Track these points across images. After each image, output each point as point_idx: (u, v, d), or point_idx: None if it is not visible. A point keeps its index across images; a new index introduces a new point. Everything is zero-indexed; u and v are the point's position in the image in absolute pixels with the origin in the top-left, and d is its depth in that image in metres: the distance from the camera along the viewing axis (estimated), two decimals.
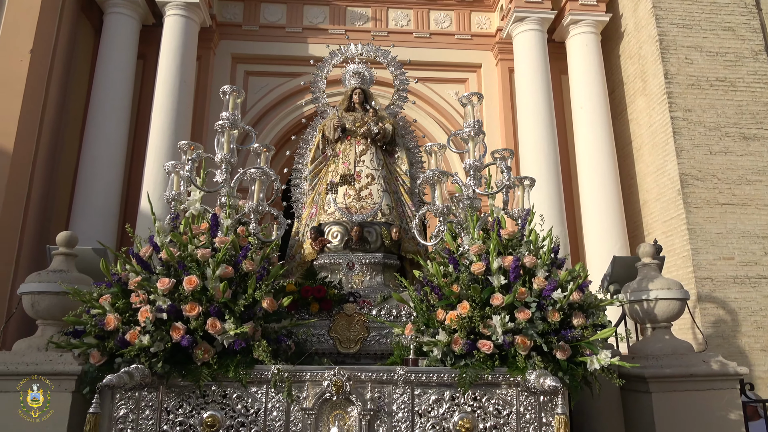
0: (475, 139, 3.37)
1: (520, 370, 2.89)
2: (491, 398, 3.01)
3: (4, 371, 3.28)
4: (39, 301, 3.43)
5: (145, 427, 2.93)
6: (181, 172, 3.52)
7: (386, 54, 4.80)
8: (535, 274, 3.05)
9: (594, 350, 2.87)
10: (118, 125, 8.87)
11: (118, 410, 2.93)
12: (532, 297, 2.97)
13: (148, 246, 3.18)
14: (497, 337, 2.90)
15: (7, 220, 7.30)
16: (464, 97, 3.51)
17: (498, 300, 2.93)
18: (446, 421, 3.00)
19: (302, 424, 2.98)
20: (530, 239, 3.18)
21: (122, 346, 2.83)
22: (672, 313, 4.13)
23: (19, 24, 7.88)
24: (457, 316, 2.95)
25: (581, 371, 2.92)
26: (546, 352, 2.92)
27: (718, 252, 8.46)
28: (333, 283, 3.78)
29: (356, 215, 4.27)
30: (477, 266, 3.04)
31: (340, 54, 4.81)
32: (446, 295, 3.05)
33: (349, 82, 4.85)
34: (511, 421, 3.00)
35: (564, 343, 2.89)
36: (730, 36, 9.14)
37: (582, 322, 2.95)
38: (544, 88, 9.35)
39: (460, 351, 2.94)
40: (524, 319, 2.89)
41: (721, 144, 8.81)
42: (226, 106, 3.54)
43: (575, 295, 2.95)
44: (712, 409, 3.78)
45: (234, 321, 2.92)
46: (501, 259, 3.04)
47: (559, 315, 2.93)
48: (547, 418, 2.99)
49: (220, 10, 10.39)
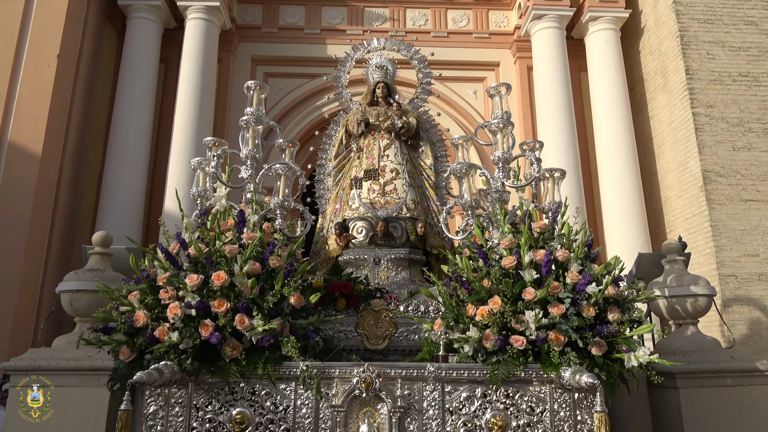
0: (504, 131, 3.25)
1: (554, 366, 2.77)
2: (524, 395, 2.90)
3: (46, 366, 3.32)
4: (77, 299, 3.47)
5: (174, 424, 2.87)
6: (207, 168, 3.46)
7: (409, 47, 4.69)
8: (567, 268, 2.93)
9: (631, 346, 2.74)
10: (142, 127, 8.91)
11: (148, 407, 2.87)
12: (565, 292, 2.84)
13: (176, 243, 3.12)
14: (530, 332, 2.79)
15: (36, 221, 7.37)
16: (492, 88, 3.39)
17: (530, 295, 2.81)
18: (478, 419, 2.89)
19: (331, 422, 2.90)
20: (563, 232, 3.05)
21: (151, 342, 2.77)
22: (699, 310, 4.04)
23: (46, 30, 7.95)
24: (489, 312, 2.84)
25: (617, 368, 2.79)
26: (580, 348, 2.80)
27: (742, 249, 8.23)
28: (359, 279, 3.68)
29: (381, 210, 4.15)
30: (508, 260, 2.92)
31: (363, 48, 4.70)
32: (476, 290, 2.94)
33: (372, 77, 4.73)
34: (544, 418, 2.88)
35: (600, 338, 2.77)
36: (752, 30, 8.89)
37: (618, 317, 2.82)
38: (564, 85, 9.18)
39: (493, 347, 2.82)
40: (558, 314, 2.77)
41: (744, 140, 8.58)
42: (250, 102, 3.48)
43: (610, 289, 2.82)
44: (741, 406, 3.69)
45: (262, 317, 2.85)
46: (533, 252, 2.92)
47: (594, 310, 2.80)
48: (582, 415, 2.87)
49: (239, 12, 10.39)
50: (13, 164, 7.31)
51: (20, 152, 7.37)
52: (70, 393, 3.24)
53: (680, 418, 3.65)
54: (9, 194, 7.19)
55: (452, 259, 3.17)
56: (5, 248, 6.96)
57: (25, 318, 7.13)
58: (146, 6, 9.23)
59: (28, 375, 3.29)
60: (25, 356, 3.44)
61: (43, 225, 7.50)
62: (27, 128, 7.47)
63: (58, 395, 3.25)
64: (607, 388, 2.78)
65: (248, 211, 3.24)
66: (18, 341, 6.86)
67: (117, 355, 2.86)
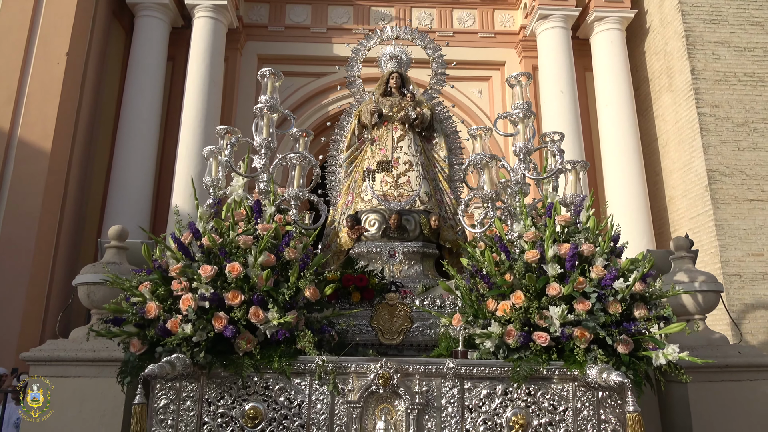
0: (525, 121, 3.11)
1: (578, 364, 2.63)
2: (546, 393, 2.76)
3: (65, 357, 3.36)
4: (94, 291, 3.49)
5: (185, 418, 2.72)
6: (219, 157, 3.32)
7: (424, 36, 4.52)
8: (592, 263, 2.78)
9: (659, 344, 2.60)
10: (149, 124, 8.82)
11: (159, 401, 2.73)
12: (591, 287, 2.70)
13: (189, 232, 2.98)
14: (554, 329, 2.64)
15: (46, 216, 7.30)
16: (513, 77, 3.25)
17: (555, 290, 2.66)
18: (498, 417, 2.75)
19: (347, 418, 2.76)
20: (588, 226, 2.91)
21: (163, 335, 2.63)
22: (707, 305, 4.04)
23: (55, 28, 7.87)
24: (511, 307, 2.70)
25: (644, 366, 2.65)
26: (606, 345, 2.66)
27: (746, 248, 8.12)
28: (374, 272, 3.53)
29: (394, 203, 3.98)
30: (531, 254, 2.77)
31: (376, 36, 4.54)
32: (498, 284, 2.80)
33: (386, 66, 4.55)
34: (567, 417, 2.74)
35: (626, 336, 2.62)
36: (758, 31, 8.76)
37: (645, 314, 2.67)
38: (569, 85, 9.06)
39: (515, 343, 2.68)
40: (584, 310, 2.62)
41: (749, 140, 8.45)
42: (264, 89, 3.34)
43: (638, 285, 2.67)
44: (748, 400, 3.72)
45: (277, 310, 2.71)
46: (557, 246, 2.78)
47: (621, 306, 2.66)
48: (606, 414, 2.72)
49: (246, 11, 10.26)
50: (24, 161, 7.28)
51: (30, 149, 7.33)
52: (88, 384, 3.24)
53: (688, 413, 3.65)
54: (19, 190, 7.16)
55: (472, 252, 3.01)
56: (16, 243, 6.94)
57: (35, 311, 7.08)
58: (154, 4, 9.12)
59: (47, 365, 3.34)
60: (44, 347, 3.47)
61: (52, 220, 7.44)
62: (37, 125, 7.42)
63: (77, 386, 3.30)
64: (635, 386, 2.64)
65: (265, 201, 3.10)
66: (28, 333, 6.83)
67: (127, 348, 2.72)
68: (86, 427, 3.27)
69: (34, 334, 6.87)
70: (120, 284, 2.83)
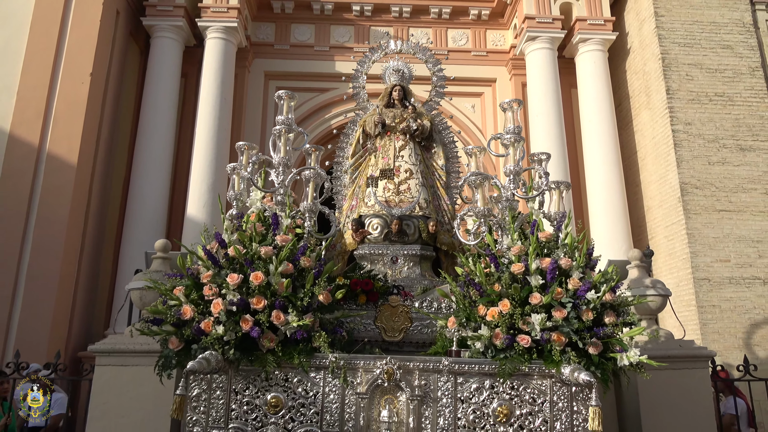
0: (515, 145, 3.38)
1: (555, 363, 2.92)
2: (527, 387, 3.05)
3: (123, 349, 3.85)
4: (146, 295, 3.91)
5: (216, 406, 3.00)
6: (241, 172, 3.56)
7: (425, 50, 4.73)
8: (570, 275, 3.08)
9: (624, 347, 2.90)
10: (165, 139, 9.02)
11: (192, 390, 3.01)
12: (567, 297, 3.00)
13: (215, 242, 3.25)
14: (535, 333, 2.94)
15: (72, 225, 7.53)
16: (505, 103, 3.50)
17: (537, 299, 2.96)
18: (486, 407, 3.04)
19: (356, 407, 3.04)
20: (566, 242, 3.21)
21: (198, 334, 2.91)
22: (655, 308, 4.38)
23: (80, 50, 8.07)
24: (499, 313, 2.99)
25: (611, 366, 2.95)
26: (579, 348, 2.95)
27: (715, 255, 8.43)
28: (378, 276, 3.80)
29: (395, 208, 4.20)
30: (517, 267, 3.07)
31: (380, 50, 4.72)
32: (488, 293, 3.10)
33: (389, 79, 4.73)
34: (545, 408, 3.03)
35: (596, 339, 2.93)
36: (728, 54, 9.10)
37: (613, 320, 2.97)
38: (555, 102, 9.35)
39: (501, 345, 2.97)
40: (560, 317, 2.92)
41: (719, 155, 8.78)
42: (281, 110, 3.58)
43: (608, 295, 2.98)
44: (687, 386, 4.14)
45: (296, 314, 2.99)
46: (539, 260, 3.08)
47: (593, 314, 2.96)
48: (578, 406, 3.01)
49: (254, 30, 10.50)
50: (52, 173, 7.49)
51: (58, 162, 7.54)
52: (144, 371, 3.58)
53: (637, 397, 4.03)
54: (48, 201, 7.38)
55: (464, 261, 3.30)
56: (46, 250, 7.17)
57: (63, 313, 7.30)
58: (169, 26, 9.33)
59: (110, 356, 3.83)
60: (106, 341, 4.00)
61: (77, 229, 7.67)
62: (63, 140, 7.63)
63: (136, 373, 3.75)
64: (602, 384, 2.94)
65: (282, 214, 3.37)
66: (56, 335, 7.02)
67: (166, 344, 2.99)
68: (142, 406, 3.73)
69: (61, 335, 7.09)
70: (158, 288, 3.10)
